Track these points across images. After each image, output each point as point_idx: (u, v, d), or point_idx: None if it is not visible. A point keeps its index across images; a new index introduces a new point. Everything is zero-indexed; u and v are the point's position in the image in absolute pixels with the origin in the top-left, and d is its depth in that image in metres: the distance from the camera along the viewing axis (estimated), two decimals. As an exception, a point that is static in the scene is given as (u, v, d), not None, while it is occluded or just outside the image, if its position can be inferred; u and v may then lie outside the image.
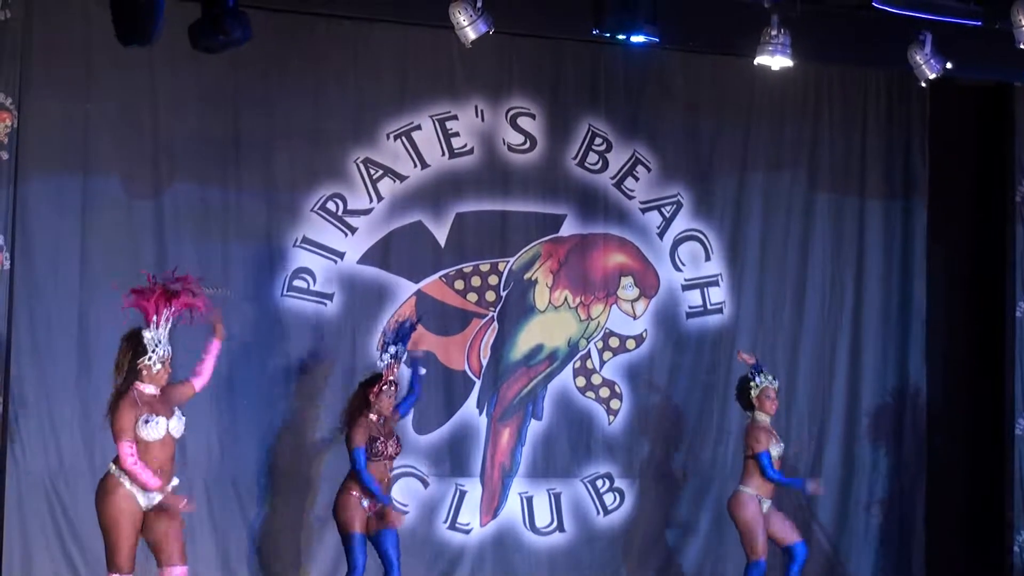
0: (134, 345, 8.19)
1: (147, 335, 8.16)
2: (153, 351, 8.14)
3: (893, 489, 11.57)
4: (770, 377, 10.08)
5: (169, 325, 8.24)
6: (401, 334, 9.56)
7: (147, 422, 8.09)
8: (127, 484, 8.07)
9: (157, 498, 8.15)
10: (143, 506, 8.12)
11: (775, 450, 10.01)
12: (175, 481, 8.26)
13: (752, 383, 10.07)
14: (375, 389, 9.38)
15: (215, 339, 8.50)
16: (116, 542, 8.07)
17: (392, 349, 9.48)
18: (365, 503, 9.33)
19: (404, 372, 9.70)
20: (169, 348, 8.22)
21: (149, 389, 8.17)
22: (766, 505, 10.03)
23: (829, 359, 11.46)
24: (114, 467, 8.11)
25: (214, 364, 8.48)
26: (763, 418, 10.05)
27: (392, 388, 9.42)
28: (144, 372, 8.16)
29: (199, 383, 8.45)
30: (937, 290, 11.69)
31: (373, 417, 9.38)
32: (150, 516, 8.16)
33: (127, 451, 8.03)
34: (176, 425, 8.20)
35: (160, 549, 8.21)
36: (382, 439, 9.33)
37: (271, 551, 10.20)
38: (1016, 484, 11.31)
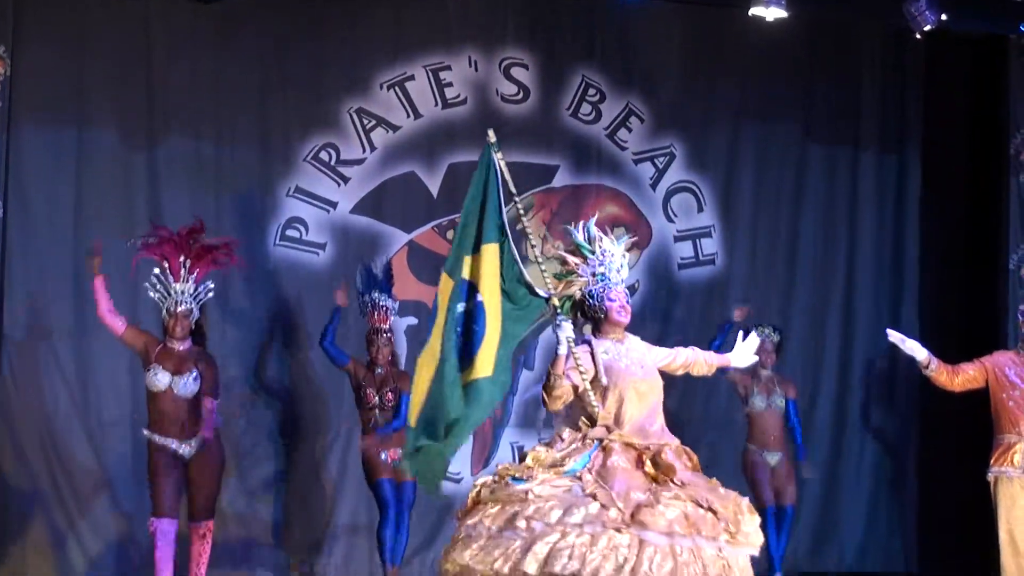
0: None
1: (156, 288, 8.33)
2: (162, 302, 8.26)
3: (885, 442, 11.60)
4: (767, 331, 10.07)
5: (190, 282, 8.33)
6: (370, 281, 9.52)
7: (147, 370, 8.22)
8: (157, 439, 8.32)
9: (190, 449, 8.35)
10: (183, 456, 8.34)
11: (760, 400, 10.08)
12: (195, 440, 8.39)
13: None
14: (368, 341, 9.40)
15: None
16: (151, 489, 8.44)
17: (365, 299, 9.47)
18: (383, 455, 9.36)
19: (398, 322, 9.72)
20: (188, 305, 8.30)
21: (173, 344, 8.31)
22: (773, 459, 10.06)
23: (822, 311, 11.44)
24: (144, 432, 8.39)
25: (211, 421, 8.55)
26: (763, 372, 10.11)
27: (380, 336, 9.40)
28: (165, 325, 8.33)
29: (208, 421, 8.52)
30: (931, 243, 11.66)
31: (380, 371, 9.39)
32: (189, 466, 8.41)
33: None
34: (181, 382, 8.27)
35: (188, 500, 8.52)
36: (371, 389, 9.33)
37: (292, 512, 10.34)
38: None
